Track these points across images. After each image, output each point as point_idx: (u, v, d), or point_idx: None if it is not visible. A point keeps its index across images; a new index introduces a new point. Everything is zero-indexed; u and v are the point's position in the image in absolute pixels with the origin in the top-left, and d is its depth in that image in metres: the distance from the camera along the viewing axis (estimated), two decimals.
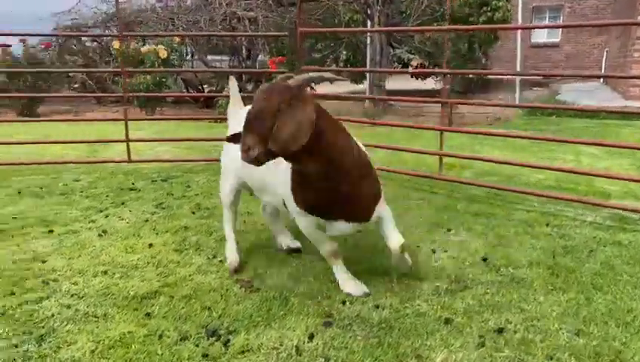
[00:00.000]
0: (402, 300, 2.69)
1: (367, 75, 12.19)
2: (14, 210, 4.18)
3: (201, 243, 3.48)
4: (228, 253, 3.09)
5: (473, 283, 2.88)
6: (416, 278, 2.94)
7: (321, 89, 12.98)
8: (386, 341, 2.31)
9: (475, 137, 6.96)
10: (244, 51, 14.29)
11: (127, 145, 5.59)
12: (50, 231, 3.68)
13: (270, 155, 2.16)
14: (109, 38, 12.53)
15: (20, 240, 3.49)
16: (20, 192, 4.70)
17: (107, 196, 4.64)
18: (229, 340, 2.31)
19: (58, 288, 2.80)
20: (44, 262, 3.14)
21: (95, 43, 13.76)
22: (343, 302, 2.65)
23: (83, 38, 13.78)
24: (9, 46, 11.28)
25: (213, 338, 2.32)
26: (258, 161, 2.15)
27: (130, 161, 5.62)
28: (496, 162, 5.21)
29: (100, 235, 3.61)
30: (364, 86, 13.29)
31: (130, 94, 5.64)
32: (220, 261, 3.17)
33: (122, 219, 3.99)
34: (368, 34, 11.78)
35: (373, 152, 6.50)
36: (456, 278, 2.94)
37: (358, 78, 15.30)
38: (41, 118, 10.03)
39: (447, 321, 2.48)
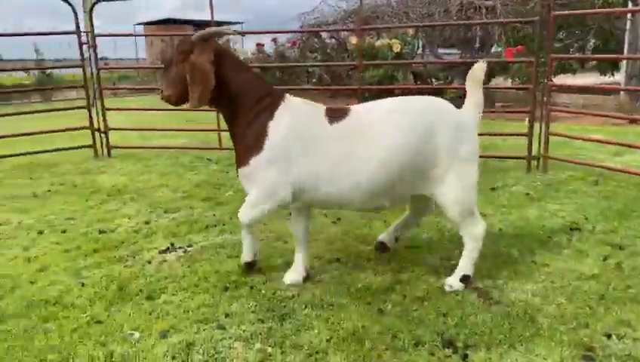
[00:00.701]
0: None
1: (625, 64, 10.48)
2: None
3: (433, 243, 3.31)
4: None
5: None
6: None
7: (562, 80, 11.65)
8: None
9: None
10: (477, 42, 13.66)
11: None
12: (290, 214, 3.92)
13: (179, 98, 2.68)
14: (347, 34, 13.20)
15: (266, 220, 3.79)
16: None
17: None
18: (467, 355, 2.09)
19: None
20: (285, 242, 3.34)
21: (333, 40, 14.68)
22: (608, 335, 2.20)
23: (323, 36, 14.82)
24: (263, 45, 12.75)
25: (450, 350, 2.13)
26: (170, 102, 2.72)
27: None
28: None
29: (333, 222, 3.72)
30: (616, 78, 11.49)
31: (364, 87, 5.72)
32: (454, 264, 2.95)
33: None
34: (628, 17, 10.11)
35: (634, 154, 5.49)
36: None
37: (608, 69, 13.34)
38: None
39: None
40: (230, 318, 2.42)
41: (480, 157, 2.69)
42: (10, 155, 6.20)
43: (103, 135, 6.40)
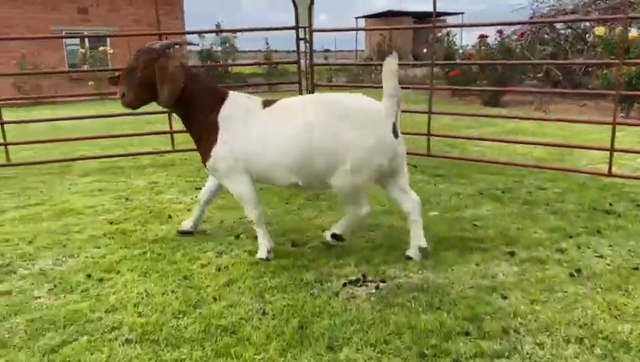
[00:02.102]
0: None
1: None
2: (476, 213, 3.88)
3: None
4: None
5: None
6: None
7: None
8: None
9: None
10: None
11: (611, 155, 4.54)
12: (511, 254, 3.14)
13: (140, 100, 3.08)
14: (588, 24, 11.30)
15: (479, 259, 3.09)
16: (481, 193, 4.42)
17: (578, 216, 3.80)
18: None
19: (519, 344, 2.20)
20: (505, 297, 2.60)
21: (569, 30, 12.77)
22: None
23: (557, 26, 13.02)
24: (486, 37, 11.63)
25: None
26: (131, 105, 3.08)
27: (609, 174, 4.57)
28: None
29: (571, 275, 2.83)
30: None
31: (624, 92, 4.53)
32: None
33: (600, 256, 3.09)
34: None
35: None
36: None
37: None
38: (502, 115, 9.11)
39: None
40: None
41: None
42: None
43: None
